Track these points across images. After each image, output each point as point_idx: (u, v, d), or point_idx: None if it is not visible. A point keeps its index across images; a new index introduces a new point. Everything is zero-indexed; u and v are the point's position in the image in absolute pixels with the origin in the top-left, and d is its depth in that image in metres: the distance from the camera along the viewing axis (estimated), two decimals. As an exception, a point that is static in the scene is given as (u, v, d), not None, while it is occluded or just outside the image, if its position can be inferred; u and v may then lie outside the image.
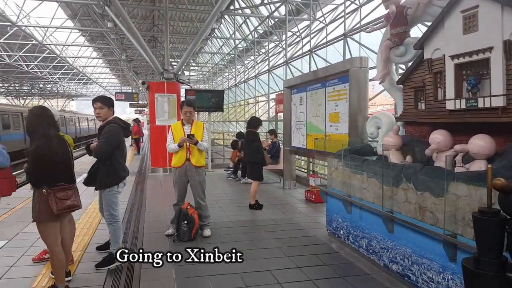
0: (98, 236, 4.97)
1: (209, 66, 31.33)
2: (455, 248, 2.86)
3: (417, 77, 4.16)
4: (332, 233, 5.05)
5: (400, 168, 3.64)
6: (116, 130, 4.02)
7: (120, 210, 4.16)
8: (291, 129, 8.42)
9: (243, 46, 22.82)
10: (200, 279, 3.59)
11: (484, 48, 3.18)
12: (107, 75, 43.94)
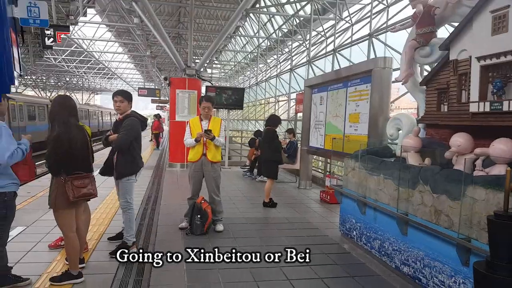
0: (113, 226, 5.07)
1: (231, 64, 31.50)
2: (469, 252, 2.78)
3: (441, 78, 4.06)
4: (345, 233, 4.99)
5: (418, 170, 3.56)
6: (135, 123, 4.21)
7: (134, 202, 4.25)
8: (310, 129, 8.37)
9: (266, 45, 22.83)
10: (210, 272, 3.62)
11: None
12: (131, 71, 44.74)
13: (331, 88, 7.32)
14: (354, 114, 6.39)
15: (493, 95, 3.32)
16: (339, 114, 6.97)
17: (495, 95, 3.29)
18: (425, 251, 3.34)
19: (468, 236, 2.82)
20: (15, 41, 4.78)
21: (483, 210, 2.68)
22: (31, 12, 6.50)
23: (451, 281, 2.99)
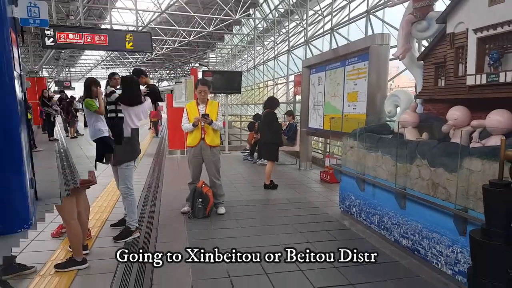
0: (115, 213, 5.12)
1: (228, 48, 31.18)
2: (465, 222, 2.82)
3: (438, 52, 4.03)
4: (344, 210, 5.04)
5: (415, 145, 3.57)
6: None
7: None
8: (309, 110, 8.35)
9: (263, 26, 22.53)
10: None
11: (510, 20, 3.05)
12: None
13: (329, 68, 7.27)
14: (352, 93, 6.37)
15: (489, 67, 3.31)
16: (337, 94, 6.94)
17: (492, 67, 3.28)
18: (423, 224, 3.39)
19: (465, 206, 2.86)
20: (15, 41, 4.76)
21: (479, 181, 2.71)
22: (31, 12, 6.48)
23: (448, 251, 3.05)
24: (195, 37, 22.86)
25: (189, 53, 31.76)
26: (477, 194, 2.73)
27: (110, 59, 39.41)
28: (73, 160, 8.85)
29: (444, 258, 3.12)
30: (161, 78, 54.30)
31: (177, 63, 39.63)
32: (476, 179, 2.76)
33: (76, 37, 9.06)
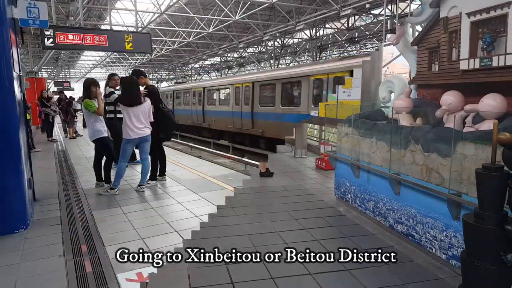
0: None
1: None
2: (459, 206, 2.85)
3: (432, 37, 4.01)
4: (340, 197, 5.07)
5: (409, 130, 3.58)
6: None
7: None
8: (303, 97, 8.33)
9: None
10: (208, 240, 3.71)
11: (502, 3, 3.04)
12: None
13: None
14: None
15: (483, 51, 3.30)
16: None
17: (485, 51, 3.27)
18: (418, 209, 3.41)
19: (458, 191, 2.88)
20: (15, 41, 4.69)
21: (472, 165, 2.72)
22: (30, 12, 6.46)
23: (442, 236, 3.08)
24: (195, 38, 22.66)
25: (188, 54, 31.57)
26: (470, 179, 2.74)
27: (109, 60, 39.19)
28: (72, 161, 8.85)
29: (438, 243, 3.15)
30: (160, 79, 54.09)
31: (177, 64, 39.49)
32: (469, 164, 2.78)
33: (75, 38, 9.00)
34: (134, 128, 5.53)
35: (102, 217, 4.63)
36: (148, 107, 5.76)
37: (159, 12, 16.74)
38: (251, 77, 15.94)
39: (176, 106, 24.73)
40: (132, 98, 5.59)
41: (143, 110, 5.67)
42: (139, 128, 5.59)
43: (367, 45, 27.37)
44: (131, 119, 5.52)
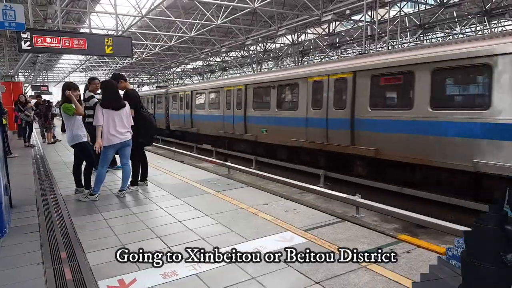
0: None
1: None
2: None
3: None
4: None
5: None
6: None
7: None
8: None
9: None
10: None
11: None
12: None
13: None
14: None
15: None
16: None
17: None
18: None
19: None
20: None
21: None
22: (6, 15, 6.38)
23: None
24: (177, 42, 22.57)
25: (170, 57, 31.43)
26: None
27: (89, 64, 38.65)
28: (50, 166, 8.67)
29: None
30: (141, 82, 53.64)
31: (158, 68, 39.26)
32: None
33: (53, 41, 8.89)
34: (116, 133, 5.49)
35: (82, 223, 4.58)
36: (128, 110, 5.74)
37: (140, 16, 16.63)
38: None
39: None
40: (115, 101, 5.56)
41: (125, 114, 5.65)
42: (121, 133, 5.55)
43: (348, 50, 27.88)
44: (115, 123, 5.47)
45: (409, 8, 19.92)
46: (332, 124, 8.84)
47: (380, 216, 5.85)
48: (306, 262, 3.22)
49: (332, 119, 8.83)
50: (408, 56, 7.38)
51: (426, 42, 22.04)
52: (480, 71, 6.28)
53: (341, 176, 8.69)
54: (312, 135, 9.42)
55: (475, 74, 6.49)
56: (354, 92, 8.27)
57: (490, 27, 17.02)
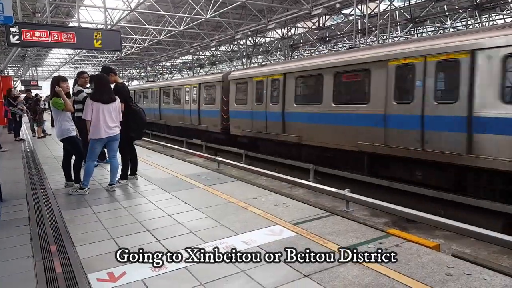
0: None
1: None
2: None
3: None
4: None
5: None
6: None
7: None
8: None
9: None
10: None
11: None
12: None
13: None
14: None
15: None
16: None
17: None
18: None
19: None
20: None
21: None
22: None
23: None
24: (166, 36, 22.37)
25: (159, 52, 31.14)
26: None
27: (78, 58, 38.16)
28: (40, 161, 8.58)
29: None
30: (131, 77, 53.10)
31: (147, 62, 38.90)
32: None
33: (42, 35, 8.79)
34: (105, 127, 5.46)
35: (72, 217, 4.57)
36: (119, 105, 5.71)
37: (129, 10, 16.45)
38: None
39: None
40: (105, 95, 5.53)
41: (115, 108, 5.62)
42: (110, 128, 5.53)
43: (338, 44, 27.96)
44: (105, 116, 5.44)
45: (399, 2, 20.03)
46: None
47: (370, 211, 5.96)
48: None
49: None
50: (318, 62, 9.26)
51: (416, 36, 22.23)
52: (364, 75, 7.88)
53: (331, 170, 8.75)
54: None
55: (361, 77, 8.03)
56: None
57: (481, 21, 17.21)
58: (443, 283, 2.91)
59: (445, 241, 4.90)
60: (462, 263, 3.26)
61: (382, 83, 7.36)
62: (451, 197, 6.38)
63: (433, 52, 6.51)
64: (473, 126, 5.96)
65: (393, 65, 7.19)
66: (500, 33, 5.76)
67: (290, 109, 9.94)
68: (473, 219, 5.48)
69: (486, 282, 2.91)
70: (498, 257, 4.44)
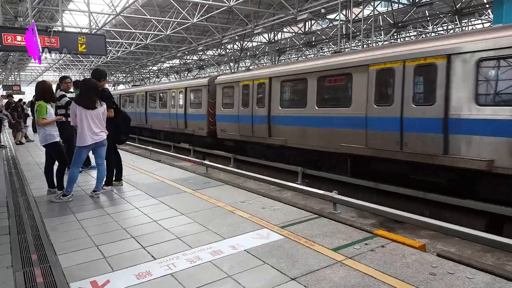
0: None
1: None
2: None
3: None
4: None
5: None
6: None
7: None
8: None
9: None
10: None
11: None
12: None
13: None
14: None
15: None
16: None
17: None
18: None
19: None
20: None
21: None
22: None
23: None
24: (152, 40, 22.23)
25: (146, 56, 30.93)
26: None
27: (62, 62, 37.54)
28: (22, 167, 8.38)
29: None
30: (117, 81, 52.54)
31: (134, 66, 38.59)
32: None
33: (24, 39, 8.63)
34: (91, 134, 5.35)
35: (54, 225, 4.47)
36: (104, 110, 5.61)
37: (114, 14, 16.31)
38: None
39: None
40: (90, 100, 5.41)
41: (100, 114, 5.50)
42: (96, 133, 5.41)
43: (324, 49, 28.22)
44: (89, 122, 5.32)
45: (382, 7, 20.35)
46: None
47: (358, 212, 5.99)
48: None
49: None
50: (302, 66, 9.44)
51: (399, 40, 22.60)
52: (346, 78, 8.05)
53: (319, 173, 8.78)
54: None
55: (345, 80, 8.15)
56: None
57: (461, 25, 17.68)
58: (427, 282, 2.94)
59: (431, 241, 4.95)
60: (446, 262, 3.29)
61: (364, 87, 7.53)
62: (435, 197, 6.46)
63: (411, 57, 6.71)
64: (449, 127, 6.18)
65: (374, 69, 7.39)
66: (473, 39, 5.98)
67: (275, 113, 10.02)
68: (459, 219, 5.60)
69: (469, 280, 2.94)
70: (482, 256, 4.50)
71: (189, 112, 14.93)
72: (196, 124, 14.36)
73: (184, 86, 15.49)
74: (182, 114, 15.34)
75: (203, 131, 13.86)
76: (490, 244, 4.13)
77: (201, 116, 13.94)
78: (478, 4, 16.79)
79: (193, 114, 14.61)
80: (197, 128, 14.30)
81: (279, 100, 9.86)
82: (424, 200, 6.60)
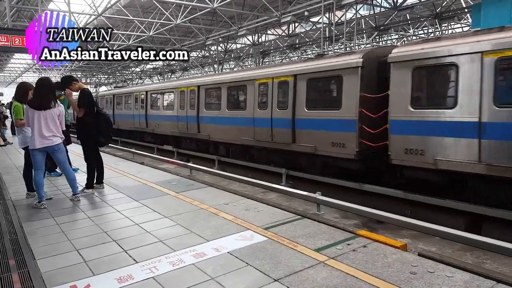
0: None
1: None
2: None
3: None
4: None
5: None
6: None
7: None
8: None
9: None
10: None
11: None
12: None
13: None
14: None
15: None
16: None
17: None
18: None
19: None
20: None
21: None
22: None
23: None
24: (135, 41, 21.97)
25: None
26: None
27: (42, 63, 36.51)
28: (0, 171, 8.14)
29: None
30: (99, 83, 51.64)
31: (116, 68, 38.00)
32: None
33: (2, 39, 8.47)
34: (40, 137, 5.08)
35: (33, 229, 4.36)
36: (59, 113, 5.34)
37: (96, 14, 16.06)
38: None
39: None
40: (40, 100, 5.18)
41: (52, 116, 5.21)
42: (46, 137, 5.11)
43: (307, 51, 28.45)
44: (40, 125, 5.08)
45: (365, 11, 20.67)
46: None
47: (341, 213, 6.04)
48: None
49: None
50: (217, 78, 12.21)
51: (381, 43, 22.97)
52: (243, 88, 10.45)
53: (302, 174, 8.83)
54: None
55: (242, 90, 10.51)
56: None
57: (441, 29, 18.14)
58: (407, 281, 2.99)
59: (412, 241, 5.03)
60: (426, 262, 3.35)
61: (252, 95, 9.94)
62: (416, 197, 6.57)
63: (276, 75, 9.28)
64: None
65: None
66: (305, 65, 8.59)
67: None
68: (442, 219, 5.73)
69: (448, 279, 3.01)
70: (462, 255, 4.60)
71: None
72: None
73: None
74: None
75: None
76: (469, 243, 4.24)
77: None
78: (457, 8, 17.26)
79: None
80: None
81: (204, 103, 12.20)
82: (407, 200, 6.72)
